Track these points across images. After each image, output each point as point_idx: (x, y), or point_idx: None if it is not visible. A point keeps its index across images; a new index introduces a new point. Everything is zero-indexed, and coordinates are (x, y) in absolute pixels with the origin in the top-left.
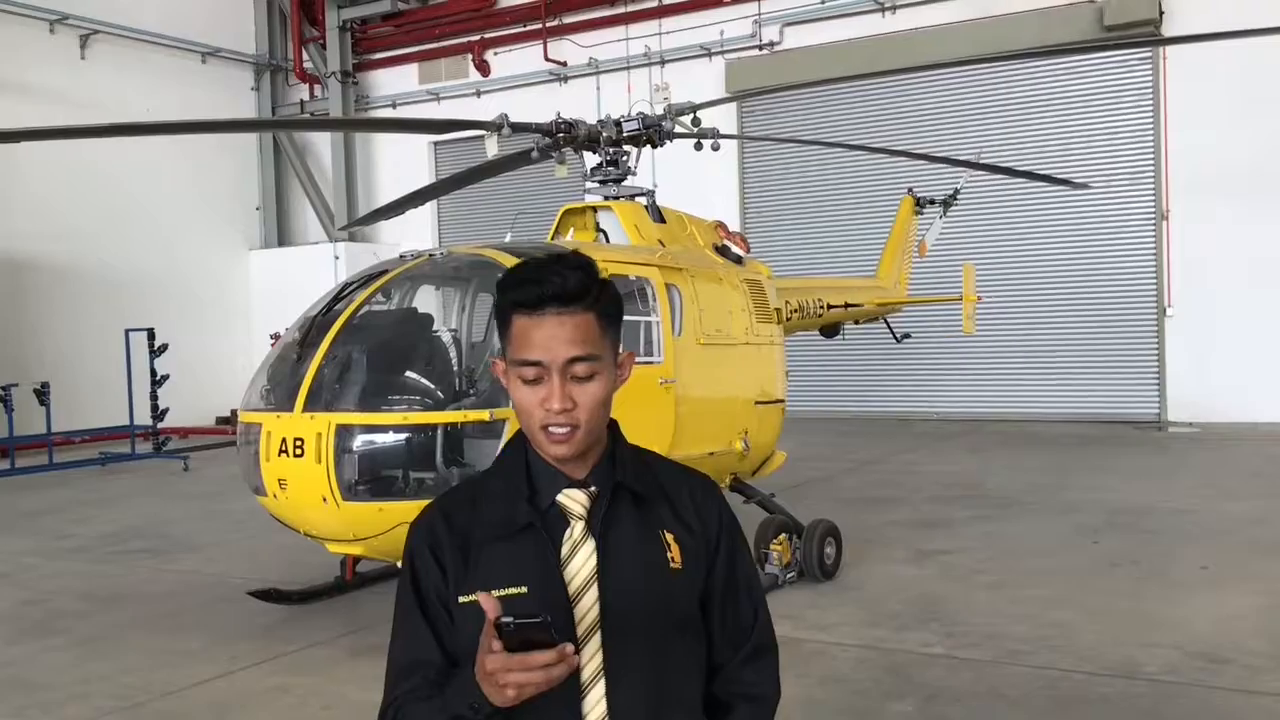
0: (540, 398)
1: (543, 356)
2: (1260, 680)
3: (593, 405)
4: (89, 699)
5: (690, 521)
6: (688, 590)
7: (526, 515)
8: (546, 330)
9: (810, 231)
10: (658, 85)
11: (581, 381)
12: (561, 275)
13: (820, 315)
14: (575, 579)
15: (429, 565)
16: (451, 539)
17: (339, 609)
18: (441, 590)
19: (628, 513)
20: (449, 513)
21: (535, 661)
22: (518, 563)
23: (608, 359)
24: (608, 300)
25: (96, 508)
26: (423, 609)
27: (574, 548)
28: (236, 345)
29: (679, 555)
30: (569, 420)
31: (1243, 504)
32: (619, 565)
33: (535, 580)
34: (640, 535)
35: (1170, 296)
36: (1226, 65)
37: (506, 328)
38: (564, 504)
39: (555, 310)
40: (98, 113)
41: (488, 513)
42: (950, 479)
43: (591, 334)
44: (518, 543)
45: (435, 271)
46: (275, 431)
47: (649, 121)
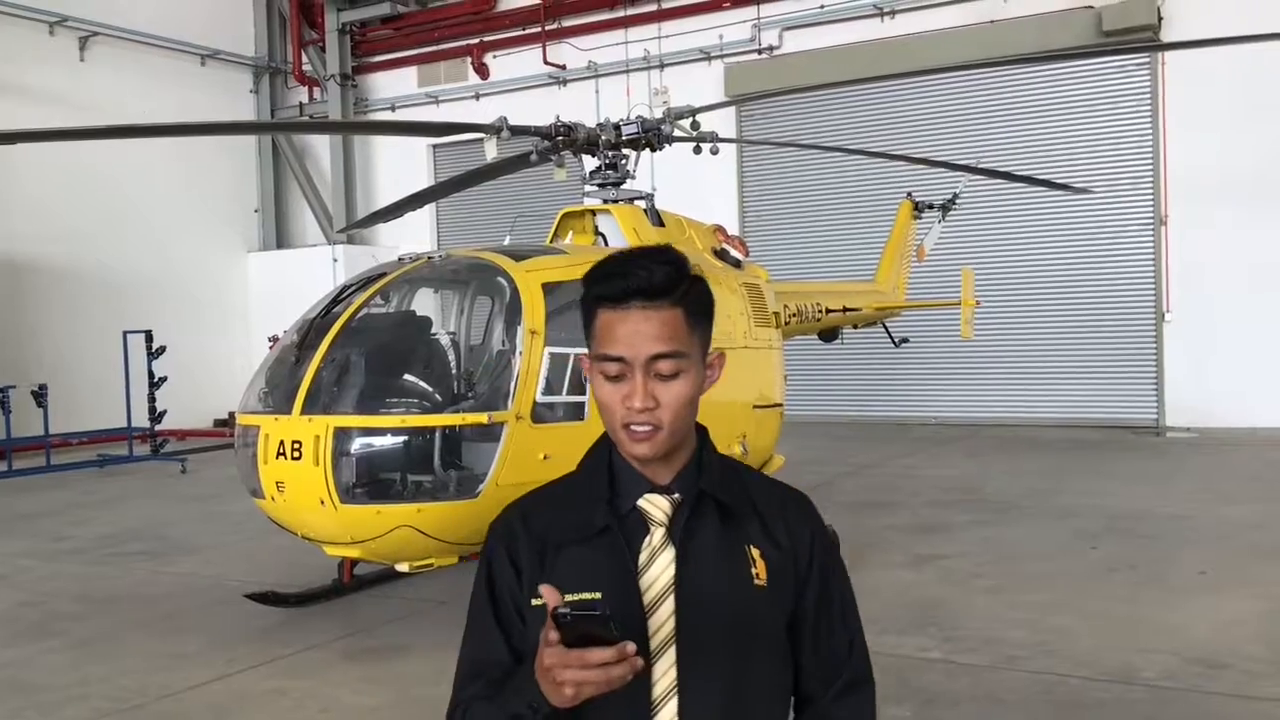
0: (622, 395)
1: (625, 352)
2: (1258, 686)
3: (676, 405)
4: (86, 701)
5: (780, 538)
6: (772, 610)
7: (604, 518)
8: (630, 325)
9: (809, 236)
10: (657, 89)
11: (665, 380)
12: (648, 269)
13: (819, 319)
14: (652, 588)
15: (504, 566)
16: (529, 540)
17: (337, 612)
18: (515, 592)
19: (711, 523)
20: (528, 513)
21: (593, 659)
22: (593, 567)
23: (695, 357)
24: (697, 296)
25: (94, 510)
26: (495, 611)
27: (652, 555)
28: (235, 347)
29: (764, 572)
30: (651, 420)
31: (1241, 509)
32: (698, 576)
33: (610, 586)
34: (723, 547)
35: (1169, 301)
36: (1225, 71)
37: (590, 323)
38: (644, 509)
39: (640, 305)
40: (96, 115)
41: (566, 515)
42: (948, 484)
43: (678, 330)
44: (595, 547)
45: (434, 274)
46: (273, 434)
47: (648, 125)
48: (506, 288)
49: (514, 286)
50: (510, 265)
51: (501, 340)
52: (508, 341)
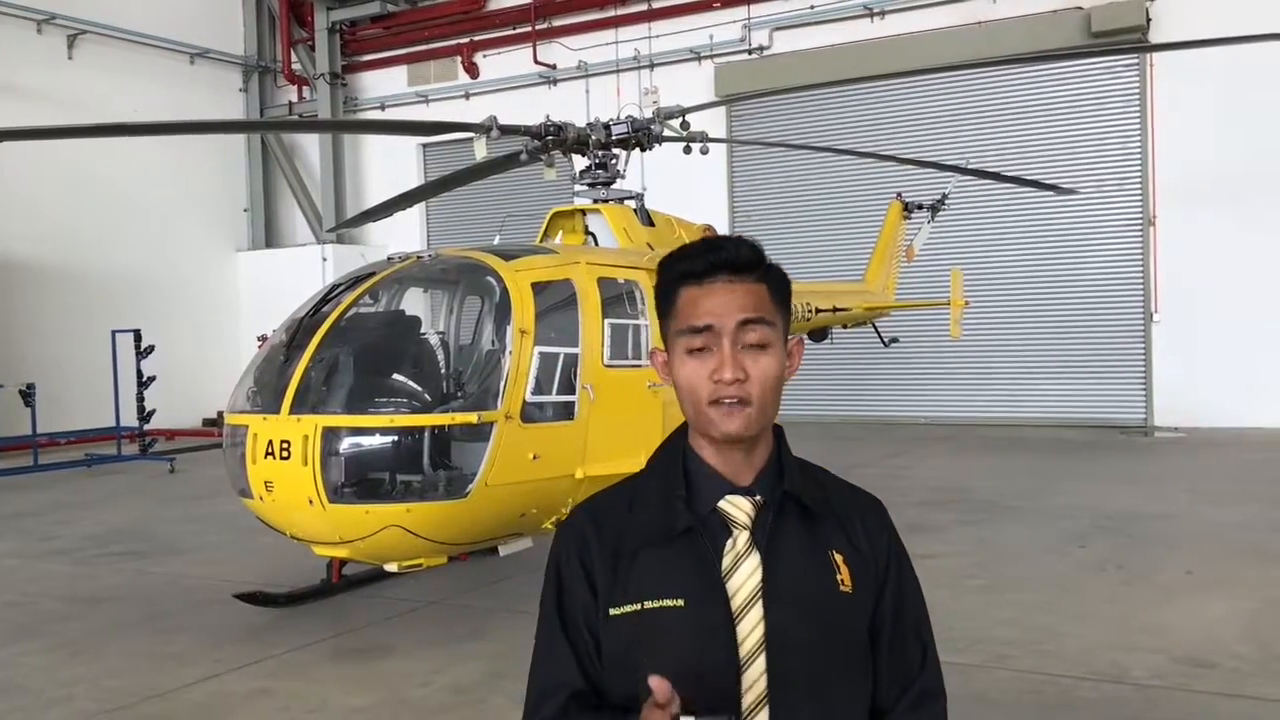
0: (710, 369)
1: (713, 320)
2: (1245, 684)
3: (765, 379)
4: (72, 702)
5: (860, 543)
6: (858, 616)
7: (686, 520)
8: (718, 296)
9: (798, 235)
10: (647, 89)
11: (754, 351)
12: (735, 244)
13: (808, 319)
14: (739, 594)
15: (576, 577)
16: (602, 546)
17: (325, 612)
18: (588, 605)
19: (795, 526)
20: (599, 517)
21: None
22: (675, 572)
23: (780, 333)
24: (779, 276)
25: (82, 510)
26: (564, 627)
27: (737, 559)
28: (224, 347)
29: (849, 578)
30: (740, 393)
31: (1228, 509)
32: (785, 582)
33: (694, 593)
34: (808, 552)
35: (1157, 302)
36: (1213, 72)
37: (672, 303)
38: (727, 511)
39: (726, 278)
40: (85, 113)
41: (642, 517)
42: (938, 483)
43: (764, 302)
44: (674, 550)
45: (423, 274)
46: (261, 434)
47: (638, 125)
48: (496, 287)
49: (503, 286)
50: (500, 265)
51: (491, 340)
52: (497, 341)
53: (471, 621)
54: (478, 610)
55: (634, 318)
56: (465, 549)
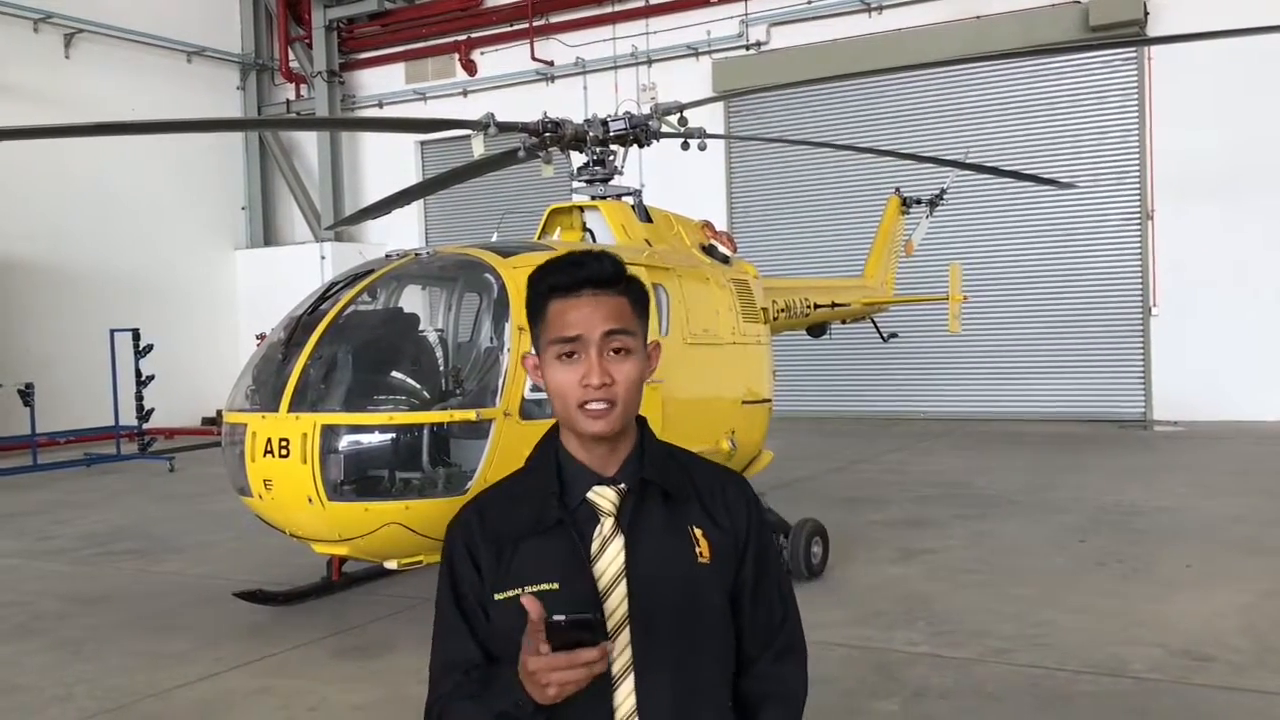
0: (578, 375)
1: (581, 330)
2: (1243, 677)
3: (628, 383)
4: (72, 701)
5: (720, 518)
6: (716, 585)
7: (557, 512)
8: (584, 309)
9: (797, 231)
10: (644, 85)
11: (618, 358)
12: (598, 260)
13: (807, 315)
14: (604, 575)
15: (465, 564)
16: (486, 537)
17: (325, 610)
18: (478, 589)
19: (656, 509)
20: (483, 511)
21: (581, 659)
22: (549, 559)
23: (640, 341)
24: (638, 289)
25: (81, 509)
26: (460, 608)
27: (603, 544)
28: (222, 345)
29: (708, 550)
30: (607, 396)
31: (1226, 502)
32: (647, 561)
33: (565, 576)
34: (668, 531)
35: (1155, 296)
36: (1211, 65)
37: (542, 313)
38: (593, 501)
39: (592, 291)
40: (82, 112)
41: (520, 510)
42: (937, 478)
43: (626, 314)
44: (549, 539)
45: (421, 271)
46: (260, 432)
47: (636, 121)
48: (494, 284)
49: (501, 283)
50: (498, 262)
51: (489, 337)
52: (495, 338)
53: None
54: None
55: None
56: None
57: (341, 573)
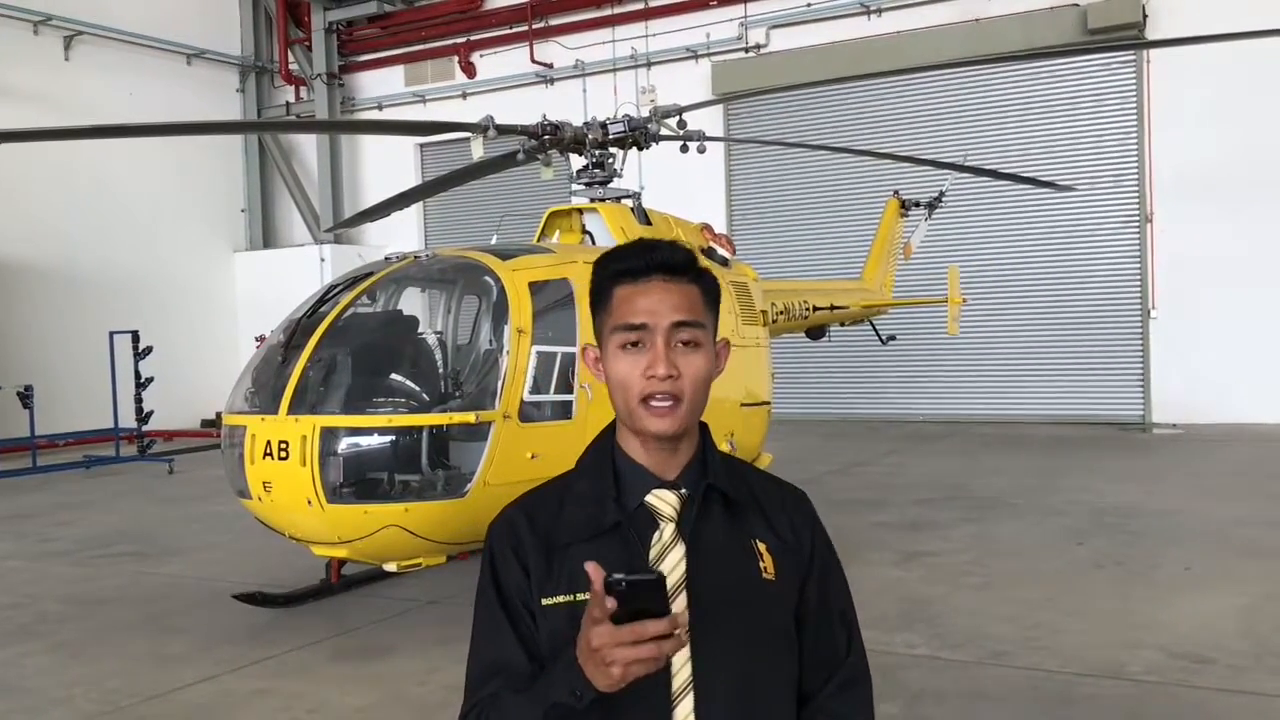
0: (642, 366)
1: (648, 319)
2: (1242, 680)
3: (696, 378)
4: (72, 703)
5: (784, 534)
6: (781, 603)
7: (614, 515)
8: (653, 296)
9: (796, 234)
10: (644, 87)
11: (686, 351)
12: (670, 247)
13: (806, 317)
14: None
15: (511, 566)
16: (534, 540)
17: (325, 612)
18: (524, 592)
19: (718, 518)
20: (531, 513)
21: (648, 631)
22: (604, 564)
23: (710, 336)
24: (711, 281)
25: (80, 511)
26: (505, 610)
27: (663, 550)
28: (222, 348)
29: (772, 566)
30: (673, 389)
31: (1226, 505)
32: (709, 571)
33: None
34: (731, 542)
35: (1154, 298)
36: (1210, 68)
37: (607, 300)
38: (653, 505)
39: (662, 278)
40: (82, 114)
41: (572, 513)
42: (936, 481)
43: (697, 305)
44: (603, 544)
45: (420, 273)
46: (260, 434)
47: (635, 123)
48: (493, 287)
49: (501, 285)
50: (497, 264)
51: (488, 339)
52: (495, 340)
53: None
54: None
55: None
56: (464, 548)
57: (341, 575)
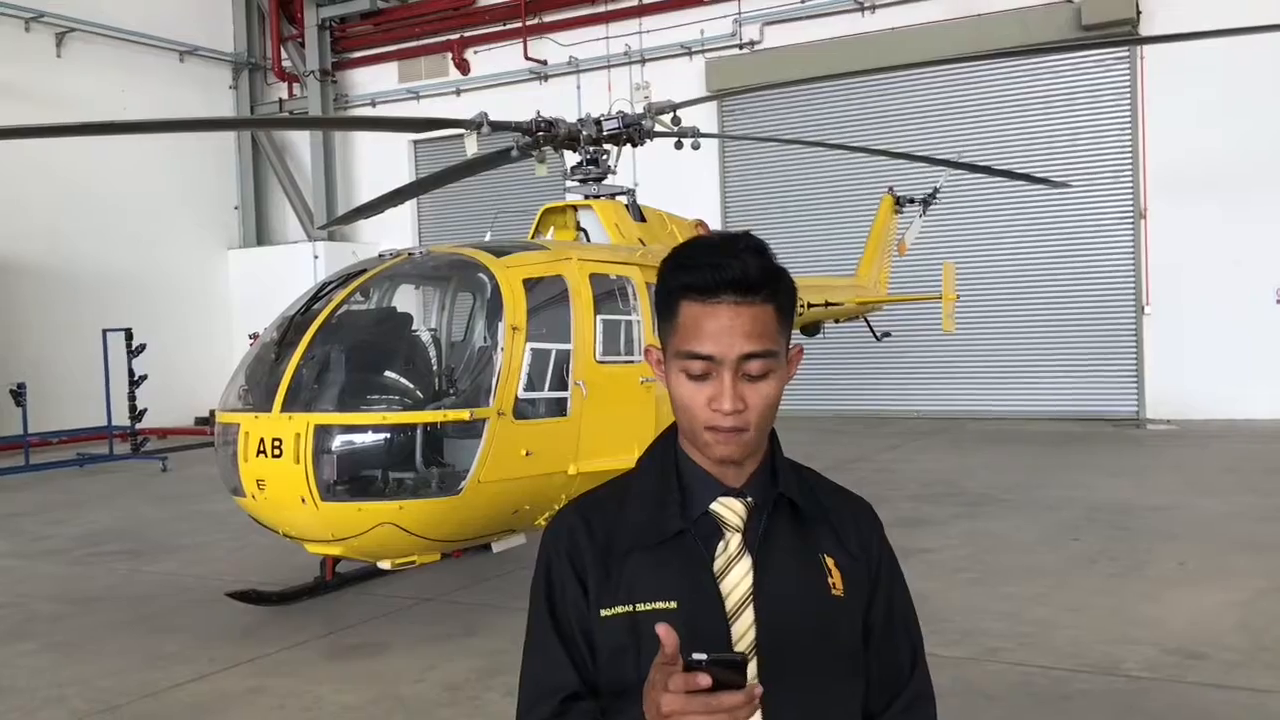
0: (708, 396)
1: (715, 351)
2: (1236, 675)
3: (764, 407)
4: (65, 702)
5: (852, 548)
6: (850, 621)
7: (678, 522)
8: (722, 321)
9: (791, 230)
10: (638, 84)
11: (755, 381)
12: (743, 260)
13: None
14: (731, 596)
15: (566, 577)
16: (592, 546)
17: (319, 610)
18: (580, 605)
19: (787, 529)
20: (589, 516)
21: (725, 704)
22: (667, 575)
23: (782, 356)
24: (787, 290)
25: (74, 509)
26: (557, 628)
27: (729, 562)
28: (215, 345)
29: (841, 582)
30: (739, 423)
31: (1219, 500)
32: (777, 585)
33: (686, 595)
34: (800, 556)
35: (1148, 295)
36: (1204, 64)
37: (672, 314)
38: (719, 513)
39: (732, 299)
40: (74, 111)
41: (633, 517)
42: (931, 477)
43: (770, 328)
44: (665, 552)
45: (414, 271)
46: (253, 432)
47: (629, 120)
48: (488, 284)
49: (495, 282)
50: (491, 261)
51: (483, 336)
52: (489, 338)
53: (465, 618)
54: (471, 607)
55: (626, 313)
56: (458, 546)
57: (335, 573)
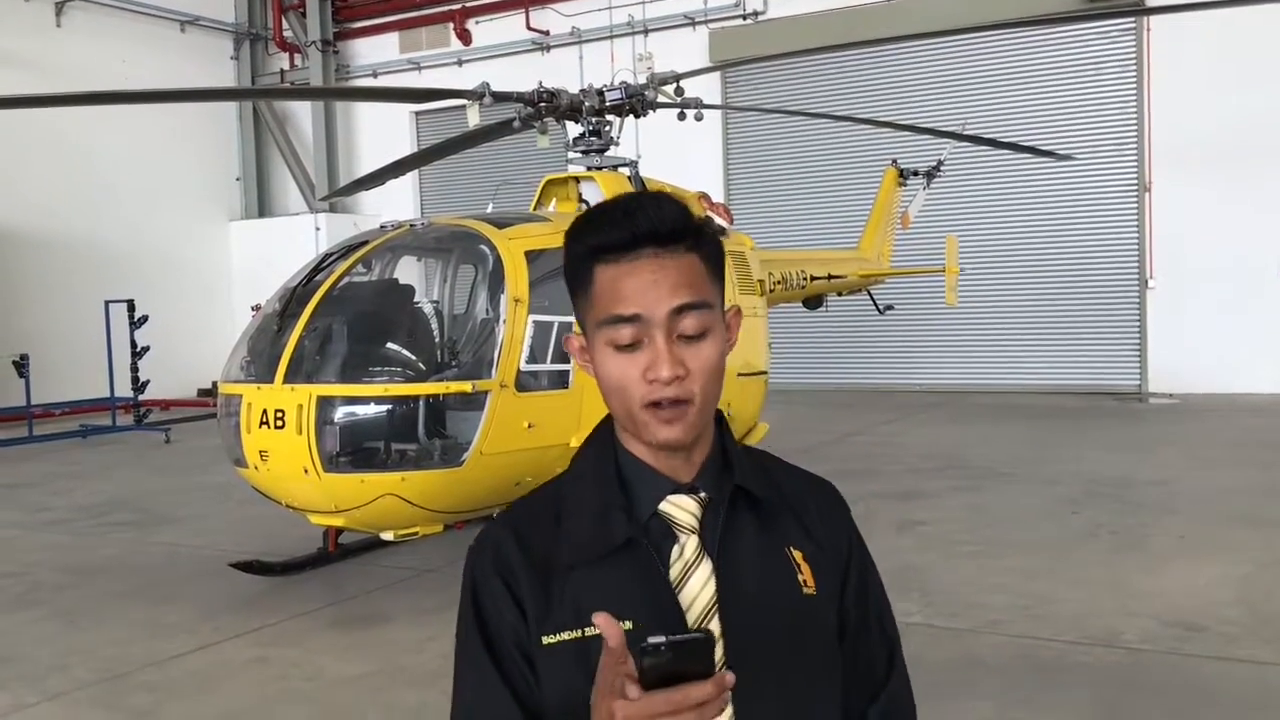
0: (642, 367)
1: (641, 308)
2: (1235, 648)
3: (708, 372)
4: (69, 670)
5: (819, 536)
6: (824, 619)
7: (625, 530)
8: (644, 276)
9: (794, 203)
10: (641, 54)
11: (692, 341)
12: (656, 208)
13: (803, 287)
14: (693, 608)
15: (500, 599)
16: (527, 563)
17: (321, 580)
18: (519, 631)
19: (747, 525)
20: (522, 531)
21: (691, 698)
22: (618, 591)
23: (719, 313)
24: (712, 240)
25: (77, 480)
26: (493, 656)
27: (686, 568)
28: (217, 317)
29: (811, 578)
30: (681, 393)
31: (1220, 474)
32: (742, 590)
33: (643, 611)
34: (764, 552)
35: (1152, 268)
36: (1210, 36)
37: (586, 285)
38: (670, 514)
39: (652, 251)
40: (74, 82)
41: (573, 528)
42: (932, 450)
43: (699, 278)
44: (614, 566)
45: (416, 242)
46: (256, 403)
47: (632, 91)
48: (489, 255)
49: (497, 254)
50: (493, 233)
51: (485, 308)
52: (491, 310)
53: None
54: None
55: None
56: (461, 517)
57: (338, 544)
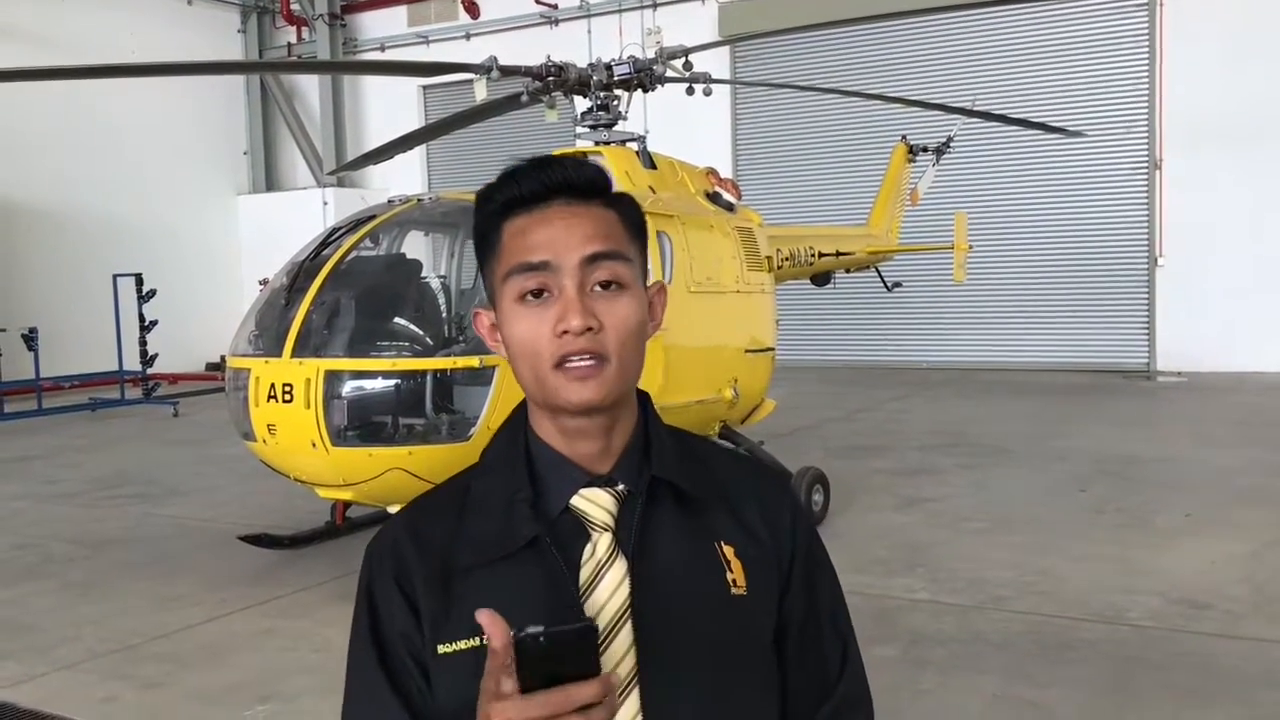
0: (550, 320)
1: (550, 255)
2: (1240, 625)
3: (624, 330)
4: (80, 641)
5: (756, 529)
6: (755, 621)
7: (530, 527)
8: (555, 225)
9: (803, 178)
10: (650, 28)
11: (606, 296)
12: (574, 163)
13: (811, 263)
14: (603, 614)
15: (393, 603)
16: (424, 564)
17: (329, 553)
18: (412, 637)
19: (669, 520)
20: (419, 528)
21: (572, 700)
22: (522, 595)
23: (637, 274)
24: (631, 205)
25: (86, 453)
26: (384, 664)
27: (597, 570)
28: (225, 290)
29: (742, 575)
30: (594, 346)
31: (1227, 453)
32: (660, 594)
33: (546, 618)
34: (688, 549)
35: (1161, 246)
36: (1223, 13)
37: (495, 241)
38: (581, 509)
39: (564, 202)
40: (80, 55)
41: (475, 525)
42: (939, 427)
43: (615, 231)
44: (517, 567)
45: (424, 217)
46: (264, 377)
47: (640, 65)
48: None
49: None
50: None
51: None
52: None
53: None
54: None
55: None
56: None
57: (345, 517)
